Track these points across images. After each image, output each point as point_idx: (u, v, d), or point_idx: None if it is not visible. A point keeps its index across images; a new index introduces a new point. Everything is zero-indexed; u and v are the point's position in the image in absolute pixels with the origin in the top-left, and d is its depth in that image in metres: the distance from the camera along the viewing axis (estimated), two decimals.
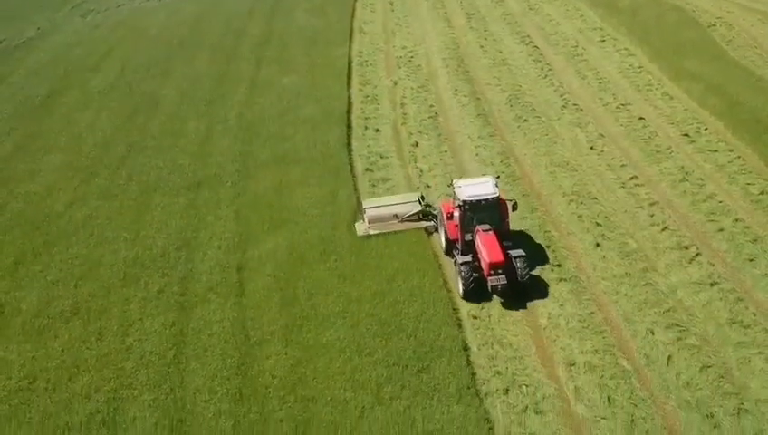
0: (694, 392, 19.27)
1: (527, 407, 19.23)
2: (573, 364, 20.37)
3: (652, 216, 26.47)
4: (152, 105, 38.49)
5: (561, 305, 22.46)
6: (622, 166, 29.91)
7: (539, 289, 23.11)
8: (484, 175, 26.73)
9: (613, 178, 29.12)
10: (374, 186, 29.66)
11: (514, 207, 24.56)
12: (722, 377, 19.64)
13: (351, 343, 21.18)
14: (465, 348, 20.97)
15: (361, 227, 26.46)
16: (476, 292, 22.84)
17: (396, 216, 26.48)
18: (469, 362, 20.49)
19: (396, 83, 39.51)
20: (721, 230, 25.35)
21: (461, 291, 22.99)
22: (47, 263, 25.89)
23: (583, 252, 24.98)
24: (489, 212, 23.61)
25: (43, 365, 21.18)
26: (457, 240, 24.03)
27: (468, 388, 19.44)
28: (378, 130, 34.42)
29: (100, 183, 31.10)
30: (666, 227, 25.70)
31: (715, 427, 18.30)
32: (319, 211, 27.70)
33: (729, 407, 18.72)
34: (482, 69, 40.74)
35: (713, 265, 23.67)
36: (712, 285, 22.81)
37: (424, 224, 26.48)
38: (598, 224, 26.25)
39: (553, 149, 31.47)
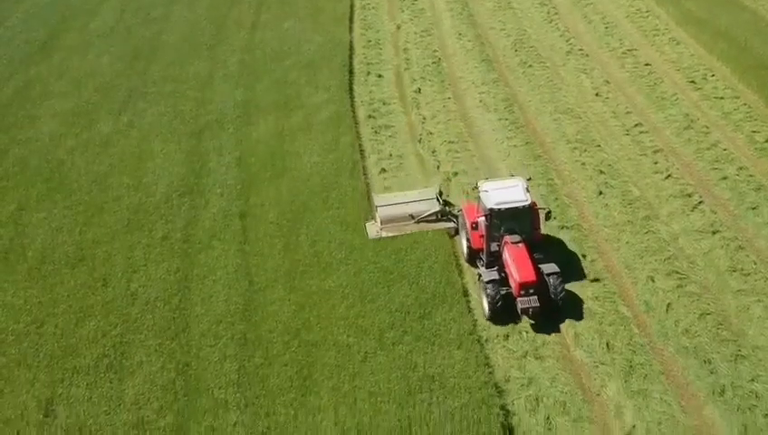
0: (692, 339, 19.52)
1: (527, 352, 19.52)
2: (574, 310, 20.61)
3: (656, 163, 26.38)
4: (152, 50, 38.04)
5: (563, 253, 22.56)
6: (627, 113, 29.67)
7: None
8: (512, 176, 23.21)
9: (617, 126, 28.92)
10: (376, 132, 29.47)
11: (548, 216, 21.90)
12: (720, 324, 19.87)
13: (354, 289, 21.39)
14: (466, 295, 21.19)
15: (373, 229, 23.60)
16: (504, 312, 20.22)
17: (411, 216, 23.68)
18: (470, 309, 20.73)
19: (399, 28, 38.92)
20: (724, 178, 25.29)
21: (486, 311, 20.27)
22: (50, 210, 25.98)
23: (586, 199, 24.99)
24: (519, 220, 20.72)
25: (50, 310, 21.46)
26: (482, 250, 21.39)
27: (469, 334, 19.72)
28: (380, 76, 34.07)
29: (102, 129, 30.97)
30: (669, 175, 25.63)
31: (711, 373, 18.59)
32: (321, 159, 27.63)
33: (726, 353, 18.99)
34: (486, 13, 40.06)
35: (715, 214, 23.70)
36: (714, 233, 22.87)
37: (443, 225, 23.57)
38: (601, 171, 26.19)
39: (558, 96, 31.18)
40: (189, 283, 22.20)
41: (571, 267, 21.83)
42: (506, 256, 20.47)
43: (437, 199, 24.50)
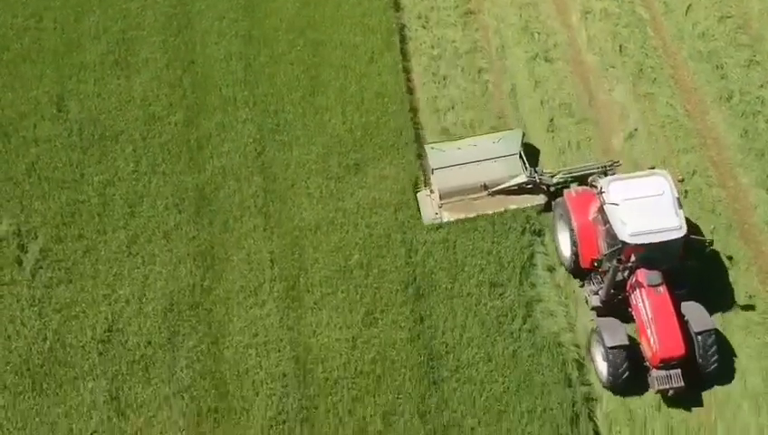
0: (707, 43, 19.03)
1: (537, 54, 19.17)
2: (589, 12, 19.82)
3: None
4: None
5: None
6: None
7: None
8: (651, 170, 14.90)
9: None
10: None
11: (707, 246, 14.82)
12: (739, 28, 19.23)
13: None
14: None
15: (428, 207, 16.39)
16: (629, 382, 14.42)
17: (485, 186, 16.54)
18: None
19: None
20: None
21: (605, 380, 14.43)
22: None
23: None
24: (664, 251, 14.20)
25: (47, 4, 20.68)
26: (596, 270, 14.99)
27: None
28: None
29: None
30: None
31: (722, 78, 18.43)
32: None
33: (740, 58, 18.65)
34: None
35: None
36: None
37: (532, 201, 16.32)
38: None
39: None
40: None
41: None
42: (640, 304, 14.30)
43: (522, 159, 16.48)
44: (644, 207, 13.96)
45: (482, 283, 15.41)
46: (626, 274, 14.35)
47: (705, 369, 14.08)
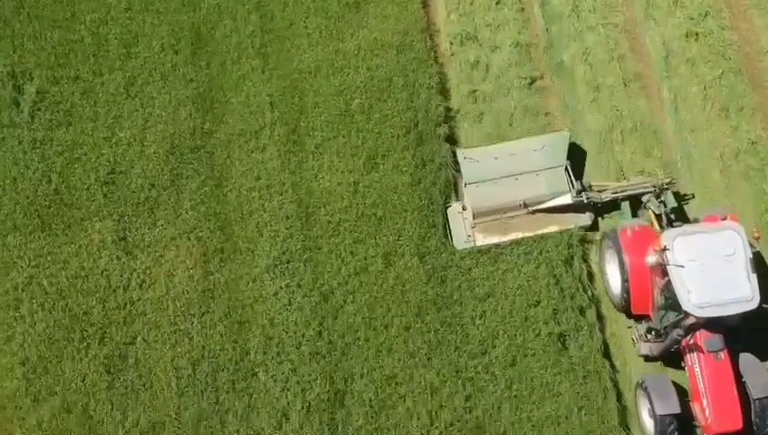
0: None
1: None
2: None
3: None
4: None
5: None
6: None
7: None
8: (723, 222, 13.13)
9: None
10: None
11: None
12: None
13: None
14: None
15: (459, 229, 14.62)
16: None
17: (524, 204, 14.72)
18: None
19: None
20: None
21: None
22: None
23: None
24: (730, 317, 12.76)
25: None
26: (648, 318, 13.73)
27: None
28: None
29: None
30: None
31: None
32: None
33: None
34: None
35: None
36: None
37: (577, 221, 14.59)
38: None
39: None
40: None
41: None
42: (696, 368, 13.04)
43: (568, 174, 14.54)
44: (712, 271, 12.33)
45: None
46: (681, 334, 12.96)
47: (760, 432, 13.03)
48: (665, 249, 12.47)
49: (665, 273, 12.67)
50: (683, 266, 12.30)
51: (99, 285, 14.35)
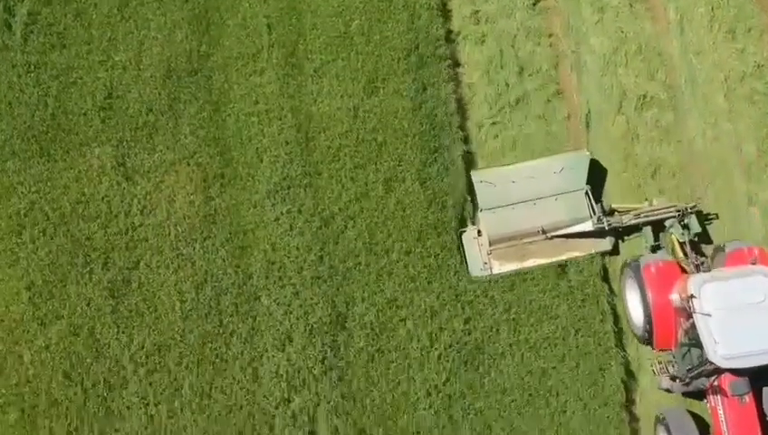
0: None
1: None
2: None
3: None
4: None
5: None
6: None
7: None
8: (752, 267, 12.44)
9: None
10: None
11: None
12: None
13: None
14: None
15: (475, 256, 14.05)
16: None
17: (543, 231, 14.06)
18: None
19: None
20: None
21: None
22: None
23: None
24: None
25: None
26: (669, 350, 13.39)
27: None
28: None
29: None
30: None
31: None
32: None
33: None
34: None
35: None
36: None
37: (597, 247, 14.06)
38: None
39: None
40: None
41: None
42: (720, 410, 12.48)
43: (589, 198, 13.95)
44: (740, 319, 11.79)
45: None
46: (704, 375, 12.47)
47: None
48: (692, 297, 11.93)
49: (690, 316, 12.19)
50: (710, 315, 11.80)
51: (100, 211, 14.38)
